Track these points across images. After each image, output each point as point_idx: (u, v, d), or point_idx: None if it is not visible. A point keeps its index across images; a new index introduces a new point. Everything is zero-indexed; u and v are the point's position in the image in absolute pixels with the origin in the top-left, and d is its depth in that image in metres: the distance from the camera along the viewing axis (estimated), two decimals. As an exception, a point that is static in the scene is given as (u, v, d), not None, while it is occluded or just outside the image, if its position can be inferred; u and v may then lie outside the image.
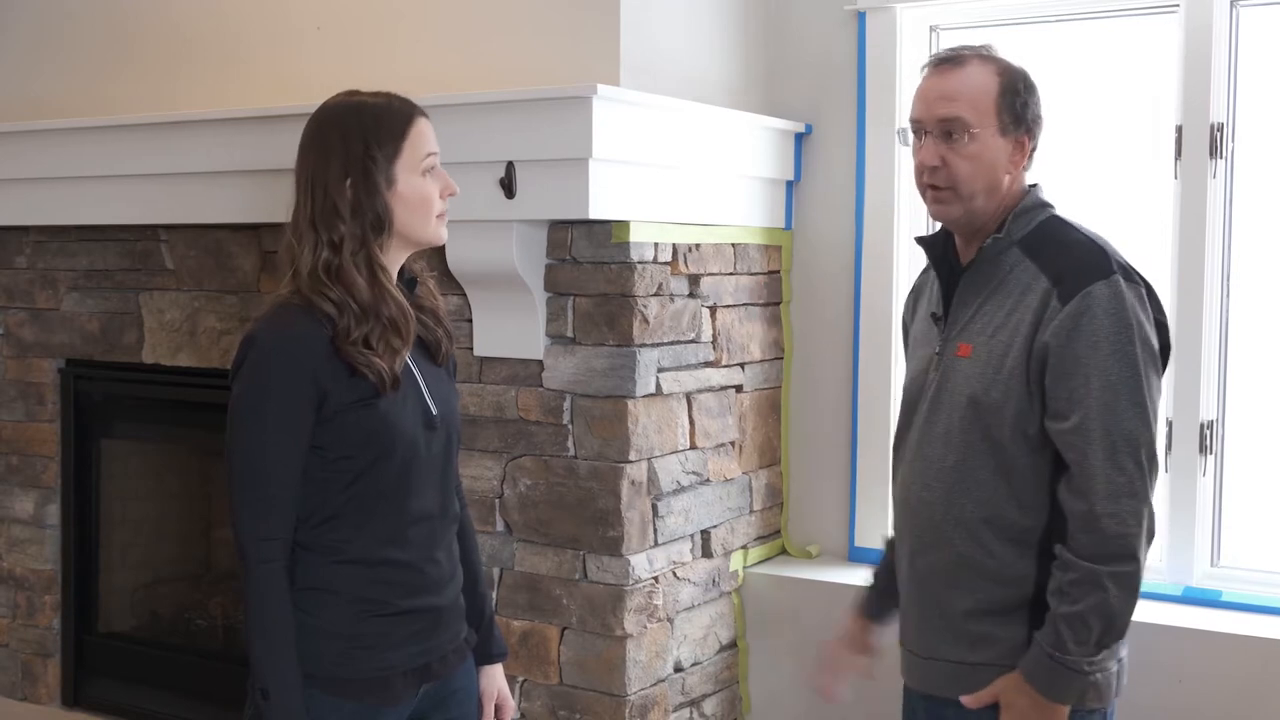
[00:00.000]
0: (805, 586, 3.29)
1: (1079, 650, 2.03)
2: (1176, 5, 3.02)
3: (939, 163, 2.15)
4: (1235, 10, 2.97)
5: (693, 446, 3.13)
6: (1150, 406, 2.07)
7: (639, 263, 2.91)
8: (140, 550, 4.00)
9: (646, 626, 3.01)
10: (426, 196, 2.09)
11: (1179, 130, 3.00)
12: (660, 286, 2.98)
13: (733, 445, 3.29)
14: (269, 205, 3.11)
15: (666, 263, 3.01)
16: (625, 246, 2.89)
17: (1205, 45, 2.96)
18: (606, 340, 2.93)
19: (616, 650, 2.96)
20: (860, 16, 3.34)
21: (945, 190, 2.16)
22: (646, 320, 2.93)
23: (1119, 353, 2.04)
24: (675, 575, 3.10)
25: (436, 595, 2.14)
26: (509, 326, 3.02)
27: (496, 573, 3.09)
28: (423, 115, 2.12)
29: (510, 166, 2.83)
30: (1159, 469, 2.10)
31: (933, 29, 3.34)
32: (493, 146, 2.84)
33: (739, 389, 3.31)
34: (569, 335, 2.97)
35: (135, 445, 3.97)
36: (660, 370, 3.00)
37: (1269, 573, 3.01)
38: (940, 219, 2.23)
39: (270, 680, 1.99)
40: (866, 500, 3.39)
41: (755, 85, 3.42)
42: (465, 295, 3.05)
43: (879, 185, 3.34)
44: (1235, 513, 3.05)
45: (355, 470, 2.04)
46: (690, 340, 3.10)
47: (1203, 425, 3.01)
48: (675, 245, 3.03)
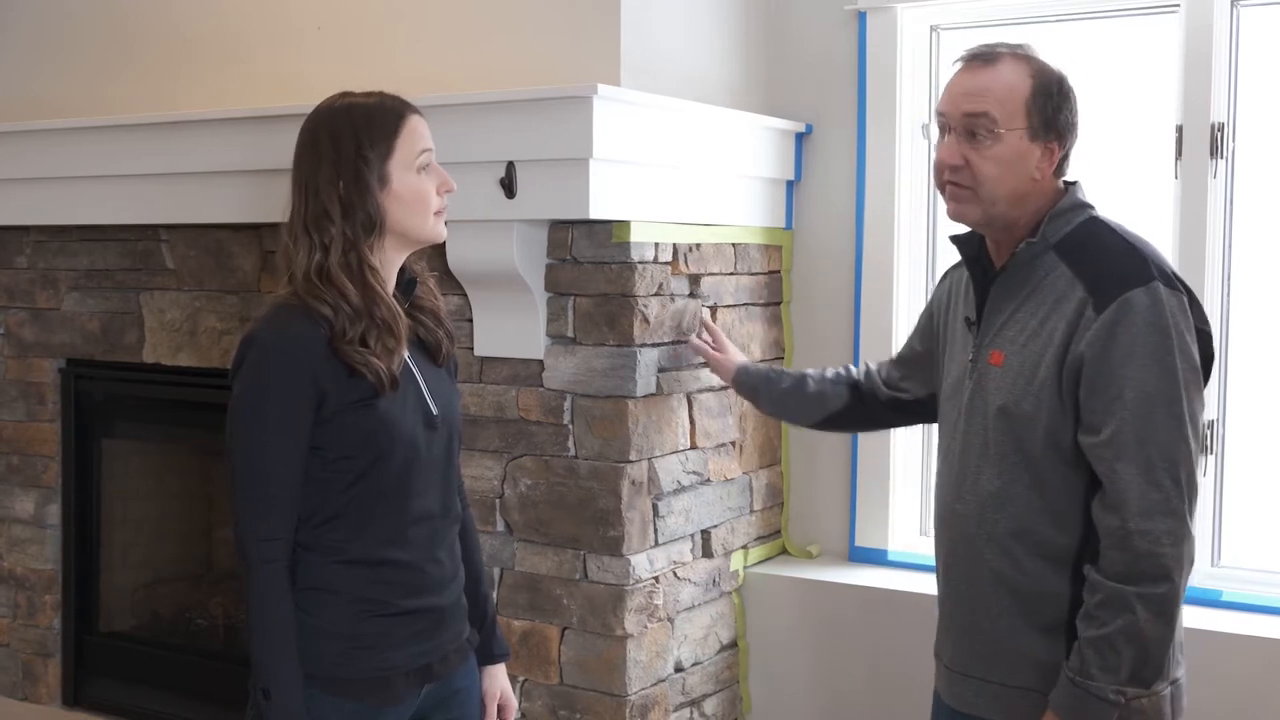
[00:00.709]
0: (805, 586, 3.29)
1: (1106, 677, 1.92)
2: (1177, 5, 3.02)
3: (960, 162, 2.07)
4: (1236, 10, 2.97)
5: (693, 446, 3.13)
6: (1190, 421, 1.95)
7: (639, 263, 2.91)
8: (141, 550, 4.00)
9: (647, 626, 3.01)
10: (422, 193, 2.09)
11: (1179, 130, 3.00)
12: (661, 286, 2.98)
13: (733, 445, 3.29)
14: (269, 205, 3.11)
15: (667, 263, 3.00)
16: (626, 246, 2.89)
17: (1206, 45, 2.96)
18: (607, 340, 2.93)
19: (617, 650, 2.96)
20: (860, 16, 3.34)
21: (965, 190, 2.08)
22: (647, 320, 2.93)
23: (1157, 363, 1.94)
24: (676, 575, 3.10)
25: (438, 595, 2.14)
26: (509, 326, 3.02)
27: (497, 573, 3.09)
28: (415, 112, 2.11)
29: (510, 166, 2.83)
30: (1198, 491, 1.98)
31: (933, 29, 3.34)
32: (493, 146, 2.84)
33: (739, 389, 3.31)
34: (569, 335, 2.97)
35: (136, 445, 3.97)
36: (661, 370, 3.00)
37: (1269, 573, 3.00)
38: (957, 219, 2.14)
39: (271, 680, 1.99)
40: (866, 500, 3.39)
41: (755, 85, 3.42)
42: (466, 295, 3.05)
43: (879, 185, 3.34)
44: (1235, 513, 3.05)
45: (356, 471, 2.04)
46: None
47: (1203, 425, 3.00)
48: (676, 245, 3.03)
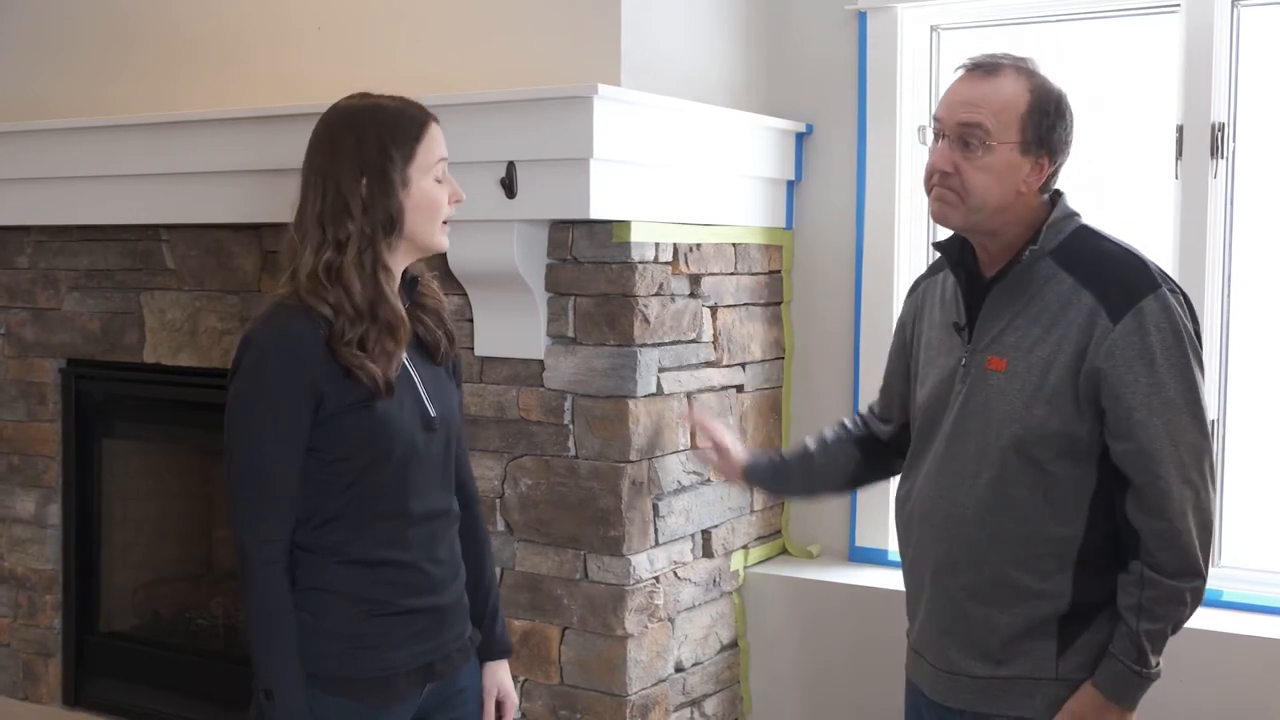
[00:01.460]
0: (806, 586, 3.29)
1: (1156, 661, 2.08)
2: (1177, 5, 3.02)
3: (951, 169, 2.11)
4: (1236, 10, 2.97)
5: (693, 446, 3.13)
6: (1205, 416, 2.07)
7: (640, 263, 2.91)
8: (141, 550, 4.00)
9: (647, 626, 3.01)
10: (436, 201, 2.09)
11: (1180, 130, 3.00)
12: (661, 286, 2.98)
13: (733, 445, 3.29)
14: (270, 205, 3.11)
15: (667, 263, 3.00)
16: (626, 246, 2.89)
17: (1206, 45, 2.96)
18: (607, 340, 2.93)
19: (617, 650, 2.96)
20: (861, 16, 3.34)
21: (952, 195, 2.12)
22: (647, 320, 2.93)
23: (1175, 368, 2.03)
24: (676, 575, 3.10)
25: (439, 595, 2.14)
26: (510, 326, 3.02)
27: (498, 573, 3.08)
28: (435, 120, 2.12)
29: (511, 166, 2.83)
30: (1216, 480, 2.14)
31: (933, 29, 3.34)
32: (493, 146, 2.84)
33: (740, 389, 3.30)
34: (570, 335, 2.97)
35: (136, 445, 3.97)
36: (661, 370, 3.00)
37: (1269, 573, 3.01)
38: (939, 221, 2.18)
39: (273, 681, 1.99)
40: (866, 500, 3.39)
41: (756, 85, 3.42)
42: (466, 295, 3.05)
43: (879, 185, 3.34)
44: (1236, 513, 3.05)
45: (354, 472, 2.04)
46: (691, 340, 3.10)
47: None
48: (676, 245, 3.03)
